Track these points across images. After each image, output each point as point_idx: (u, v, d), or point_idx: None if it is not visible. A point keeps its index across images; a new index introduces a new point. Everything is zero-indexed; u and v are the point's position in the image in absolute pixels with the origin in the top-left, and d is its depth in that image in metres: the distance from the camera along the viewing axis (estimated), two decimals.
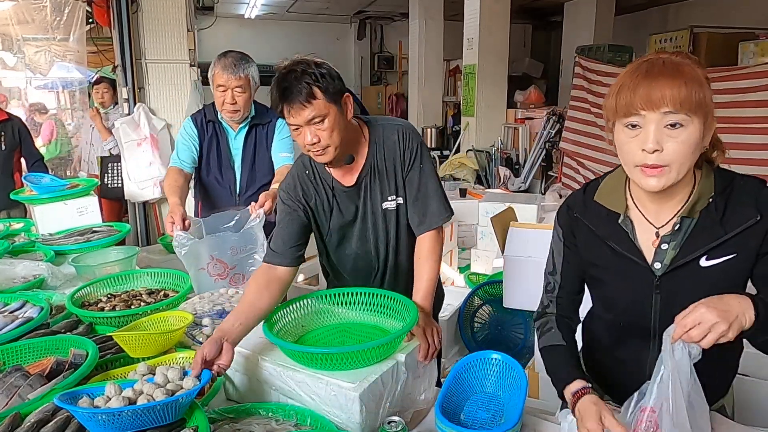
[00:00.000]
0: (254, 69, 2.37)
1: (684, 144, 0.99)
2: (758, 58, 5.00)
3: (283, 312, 1.49)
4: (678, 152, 1.00)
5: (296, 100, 1.42)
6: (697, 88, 0.98)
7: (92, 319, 1.73)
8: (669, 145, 0.99)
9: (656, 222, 1.13)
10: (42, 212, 2.96)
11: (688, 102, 0.97)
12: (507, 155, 6.95)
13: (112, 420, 1.04)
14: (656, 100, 0.98)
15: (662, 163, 1.00)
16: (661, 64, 1.01)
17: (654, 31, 6.74)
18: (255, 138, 2.46)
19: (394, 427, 1.18)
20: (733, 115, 3.49)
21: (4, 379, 1.30)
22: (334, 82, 1.46)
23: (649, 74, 1.00)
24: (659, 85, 0.98)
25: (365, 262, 1.73)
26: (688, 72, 0.99)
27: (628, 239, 1.13)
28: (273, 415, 1.25)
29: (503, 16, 6.80)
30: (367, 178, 1.63)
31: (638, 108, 1.00)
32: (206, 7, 9.34)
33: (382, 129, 1.63)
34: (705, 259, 1.08)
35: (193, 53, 4.77)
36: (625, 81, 1.03)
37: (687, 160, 1.01)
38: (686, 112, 0.98)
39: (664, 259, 1.11)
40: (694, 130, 0.99)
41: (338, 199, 1.65)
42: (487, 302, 2.99)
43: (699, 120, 0.99)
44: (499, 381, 1.37)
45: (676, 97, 0.97)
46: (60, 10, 4.80)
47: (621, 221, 1.14)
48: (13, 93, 6.58)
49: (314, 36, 11.56)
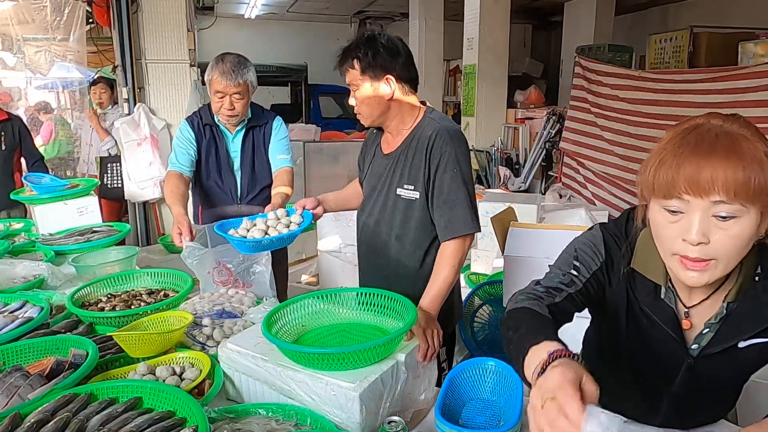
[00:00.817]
0: (252, 73, 2.35)
1: (736, 239, 0.82)
2: (758, 58, 4.99)
3: (282, 312, 1.49)
4: (727, 247, 0.83)
5: (343, 65, 1.69)
6: (758, 172, 0.79)
7: (92, 319, 1.73)
8: (717, 238, 0.83)
9: (687, 300, 1.00)
10: (42, 212, 2.96)
11: (745, 190, 0.79)
12: (507, 155, 6.94)
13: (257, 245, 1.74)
14: (705, 185, 0.80)
15: (707, 257, 0.84)
16: (713, 136, 0.83)
17: (654, 31, 6.73)
18: (253, 140, 2.45)
19: (394, 427, 1.18)
20: None
21: (4, 379, 1.30)
22: (374, 60, 1.64)
23: (698, 150, 0.82)
24: (711, 166, 0.80)
25: (370, 235, 1.83)
26: (747, 150, 0.81)
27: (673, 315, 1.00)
28: (273, 415, 1.25)
29: (503, 16, 6.79)
30: (396, 158, 1.74)
31: (681, 192, 0.82)
32: (206, 7, 9.35)
33: (430, 121, 1.74)
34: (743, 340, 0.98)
35: (193, 53, 4.78)
36: (667, 155, 0.84)
37: (737, 256, 0.85)
38: (741, 202, 0.80)
39: (701, 342, 1.00)
40: (749, 221, 0.82)
41: (375, 162, 1.84)
42: (487, 302, 2.99)
43: (757, 210, 0.82)
44: (495, 387, 1.37)
45: (731, 184, 0.79)
46: (60, 10, 4.80)
47: (664, 295, 1.00)
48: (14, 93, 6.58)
49: (314, 36, 11.56)
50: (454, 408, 1.32)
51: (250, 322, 1.65)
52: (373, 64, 1.65)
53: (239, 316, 1.72)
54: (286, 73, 10.72)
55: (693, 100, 3.78)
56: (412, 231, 1.72)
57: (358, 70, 1.66)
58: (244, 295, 1.90)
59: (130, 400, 1.20)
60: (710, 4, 7.92)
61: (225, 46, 10.75)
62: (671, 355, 1.02)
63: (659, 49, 6.27)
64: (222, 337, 1.57)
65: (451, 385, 1.34)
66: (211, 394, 1.32)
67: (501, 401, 1.34)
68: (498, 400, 1.35)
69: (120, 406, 1.18)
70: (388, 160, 1.77)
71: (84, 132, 5.07)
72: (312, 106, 10.69)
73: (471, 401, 1.36)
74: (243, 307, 1.79)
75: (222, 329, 1.62)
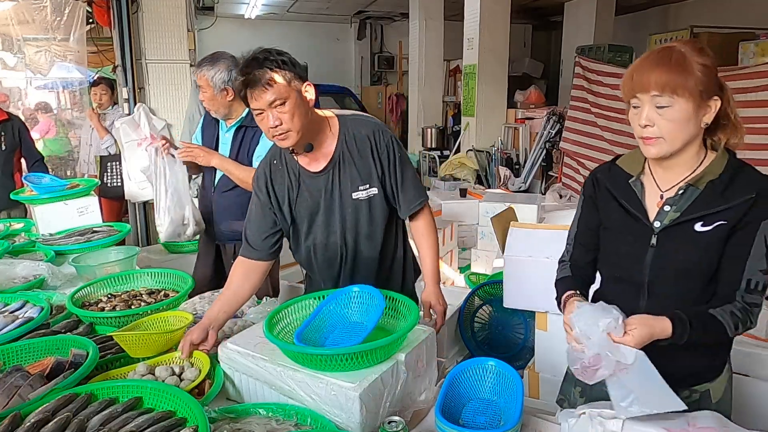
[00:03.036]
0: (216, 71, 2.39)
1: (671, 121, 1.15)
2: (758, 58, 4.99)
3: (283, 313, 1.49)
4: (666, 127, 1.16)
5: (258, 84, 1.51)
6: (681, 75, 1.13)
7: (92, 319, 1.73)
8: (659, 122, 1.16)
9: (663, 187, 1.26)
10: (42, 212, 2.96)
11: (670, 86, 1.13)
12: (507, 155, 6.94)
13: None
14: (646, 84, 1.16)
15: (654, 136, 1.17)
16: (655, 54, 1.18)
17: (654, 31, 6.74)
18: (242, 138, 2.50)
19: (394, 426, 1.18)
20: None
21: (4, 379, 1.30)
22: (294, 69, 1.56)
23: (645, 64, 1.18)
24: (649, 72, 1.16)
25: (332, 252, 1.77)
26: (676, 62, 1.14)
27: (637, 198, 1.28)
28: (273, 415, 1.25)
29: (503, 16, 6.79)
30: (335, 167, 1.69)
31: (636, 91, 1.18)
32: (206, 7, 9.35)
33: (352, 122, 1.72)
34: (701, 225, 1.20)
35: (193, 53, 4.78)
36: (630, 71, 1.21)
37: (678, 134, 1.17)
38: (669, 95, 1.14)
39: (664, 219, 1.24)
40: (680, 109, 1.15)
41: (304, 185, 1.72)
42: (488, 302, 2.99)
43: (687, 101, 1.14)
44: (495, 387, 1.37)
45: (659, 82, 1.14)
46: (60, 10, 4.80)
47: (632, 182, 1.29)
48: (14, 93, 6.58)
49: (314, 36, 11.55)
50: (454, 408, 1.31)
51: (250, 322, 1.65)
52: (294, 72, 1.55)
53: (239, 316, 1.72)
54: None
55: None
56: (380, 225, 1.75)
57: (282, 82, 1.52)
58: None
59: (130, 400, 1.20)
60: (710, 4, 7.92)
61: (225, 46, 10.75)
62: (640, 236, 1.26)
63: None
64: (222, 337, 1.57)
65: (451, 385, 1.34)
66: (211, 394, 1.33)
67: (501, 401, 1.34)
68: (498, 400, 1.35)
69: (120, 406, 1.18)
70: (325, 176, 1.70)
71: (84, 132, 5.07)
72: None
73: (471, 401, 1.36)
74: (243, 307, 1.79)
75: (222, 329, 1.62)
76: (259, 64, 1.51)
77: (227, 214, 2.52)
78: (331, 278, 1.80)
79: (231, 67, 2.40)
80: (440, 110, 9.16)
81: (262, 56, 1.53)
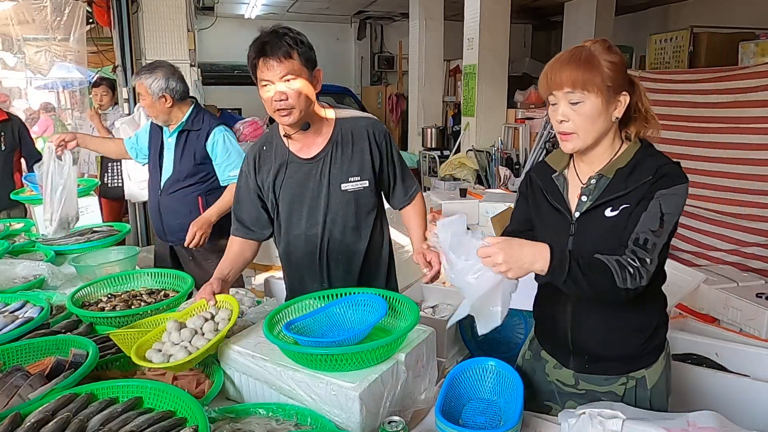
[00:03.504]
0: (153, 79, 2.46)
1: (583, 116, 1.23)
2: (758, 58, 4.99)
3: (283, 313, 1.49)
4: (579, 122, 1.24)
5: (274, 55, 1.52)
6: (589, 71, 1.20)
7: (92, 319, 1.73)
8: (573, 117, 1.24)
9: (583, 180, 1.34)
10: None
11: (581, 82, 1.20)
12: (507, 155, 6.93)
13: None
14: (559, 81, 1.23)
15: (569, 130, 1.25)
16: (567, 53, 1.26)
17: (654, 31, 6.73)
18: (185, 142, 2.57)
19: (394, 426, 1.18)
20: (733, 115, 3.48)
21: (4, 379, 1.30)
22: (310, 52, 1.59)
23: (554, 63, 1.26)
24: (561, 70, 1.23)
25: (312, 245, 1.77)
26: (585, 60, 1.21)
27: (559, 192, 1.37)
28: (273, 415, 1.25)
29: (503, 16, 6.78)
30: (327, 156, 1.70)
31: (551, 89, 1.26)
32: (206, 7, 9.35)
33: (349, 116, 1.75)
34: (609, 210, 1.27)
35: (193, 53, 4.78)
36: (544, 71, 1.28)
37: (590, 128, 1.24)
38: (581, 91, 1.21)
39: (582, 209, 1.32)
40: (591, 105, 1.22)
41: (291, 171, 1.72)
42: None
43: (597, 96, 1.21)
44: (495, 387, 1.37)
45: (571, 79, 1.21)
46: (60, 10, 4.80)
47: (555, 176, 1.38)
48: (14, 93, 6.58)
49: (314, 36, 11.35)
50: (454, 408, 1.31)
51: (250, 322, 1.65)
52: (309, 55, 1.58)
53: (240, 316, 1.72)
54: None
55: (693, 100, 3.77)
56: (365, 217, 1.77)
57: (297, 60, 1.54)
58: (245, 295, 1.91)
59: (130, 400, 1.20)
60: (710, 4, 7.92)
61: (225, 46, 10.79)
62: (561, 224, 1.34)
63: (659, 49, 6.27)
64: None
65: (451, 385, 1.34)
66: (211, 394, 1.33)
67: (501, 401, 1.34)
68: (498, 400, 1.35)
69: (120, 406, 1.18)
70: (315, 163, 1.70)
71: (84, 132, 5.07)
72: None
73: (471, 401, 1.36)
74: (243, 307, 1.79)
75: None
76: (278, 37, 1.54)
77: (174, 215, 2.60)
78: (312, 273, 1.80)
79: (168, 75, 2.48)
80: (440, 110, 9.16)
81: (282, 31, 1.55)
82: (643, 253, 1.18)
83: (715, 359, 2.09)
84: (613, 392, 1.36)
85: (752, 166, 3.29)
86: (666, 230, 1.21)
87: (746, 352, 2.05)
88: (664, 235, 1.20)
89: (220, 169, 2.59)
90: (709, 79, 3.69)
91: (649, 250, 1.18)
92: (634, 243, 1.19)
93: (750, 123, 3.37)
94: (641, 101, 1.29)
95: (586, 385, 1.39)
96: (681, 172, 1.24)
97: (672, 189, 1.21)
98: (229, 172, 2.58)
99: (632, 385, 1.35)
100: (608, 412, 1.18)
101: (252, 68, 1.57)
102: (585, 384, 1.39)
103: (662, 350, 1.39)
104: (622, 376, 1.35)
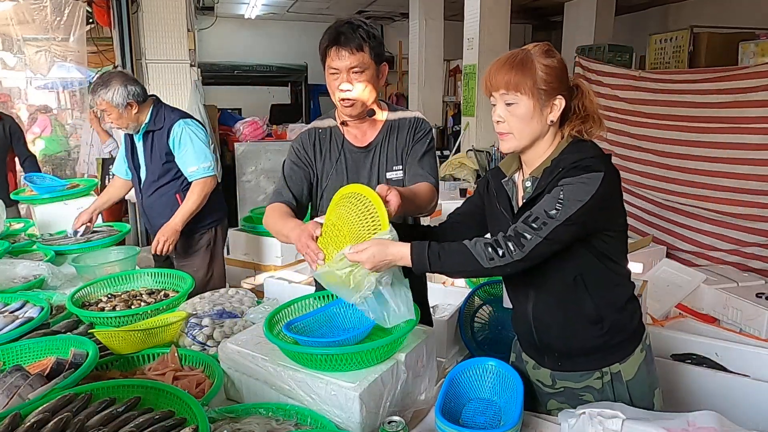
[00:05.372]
0: (112, 92, 2.43)
1: (517, 117, 1.27)
2: (758, 58, 4.99)
3: (283, 313, 1.49)
4: (513, 123, 1.28)
5: (347, 46, 1.57)
6: (522, 74, 1.24)
7: (92, 319, 1.73)
8: (508, 118, 1.28)
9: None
10: (42, 212, 2.96)
11: (513, 85, 1.24)
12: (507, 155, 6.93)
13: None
14: (496, 83, 1.27)
15: (505, 131, 1.30)
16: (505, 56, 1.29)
17: (654, 31, 6.73)
18: (151, 143, 2.59)
19: (394, 426, 1.18)
20: (733, 115, 3.48)
21: (4, 379, 1.30)
22: (380, 47, 1.64)
23: (492, 66, 1.30)
24: (498, 72, 1.27)
25: None
26: (520, 63, 1.25)
27: (507, 196, 1.40)
28: (273, 415, 1.25)
29: (503, 16, 6.79)
30: (378, 145, 1.73)
31: (490, 89, 1.30)
32: (206, 7, 9.34)
33: (401, 110, 1.79)
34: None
35: (193, 53, 4.78)
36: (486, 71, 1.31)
37: (524, 129, 1.28)
38: (514, 92, 1.25)
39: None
40: (525, 107, 1.26)
41: (345, 157, 1.74)
42: (487, 302, 2.98)
43: (529, 98, 1.25)
44: (495, 387, 1.37)
45: (506, 81, 1.25)
46: (60, 10, 4.80)
47: (504, 181, 1.41)
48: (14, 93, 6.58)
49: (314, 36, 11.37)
50: (454, 408, 1.31)
51: (250, 322, 1.65)
52: (379, 50, 1.63)
53: (239, 316, 1.72)
54: (286, 73, 10.69)
55: (693, 100, 3.77)
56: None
57: (367, 54, 1.59)
58: (245, 295, 1.91)
59: (130, 400, 1.20)
60: (710, 4, 7.92)
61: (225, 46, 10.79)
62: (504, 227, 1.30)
63: (659, 49, 6.27)
64: (222, 337, 1.57)
65: (451, 385, 1.34)
66: (211, 394, 1.32)
67: (501, 401, 1.34)
68: (498, 400, 1.35)
69: (120, 406, 1.18)
70: (368, 151, 1.74)
71: (84, 132, 5.07)
72: (312, 106, 10.68)
73: (471, 401, 1.36)
74: (243, 307, 1.79)
75: (222, 329, 1.62)
76: (353, 29, 1.57)
77: (158, 216, 2.64)
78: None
79: (125, 82, 2.46)
80: (440, 110, 9.16)
81: (357, 23, 1.59)
82: (523, 228, 1.20)
83: (715, 359, 2.09)
84: (590, 386, 1.35)
85: (752, 166, 3.29)
86: (564, 213, 1.19)
87: (746, 352, 2.05)
88: (560, 217, 1.19)
89: (181, 165, 2.58)
90: (709, 79, 3.69)
91: (533, 228, 1.20)
92: (523, 221, 1.22)
93: (750, 123, 3.37)
94: (583, 104, 1.31)
95: (562, 383, 1.39)
96: (598, 164, 1.23)
97: (579, 178, 1.21)
98: (188, 167, 2.56)
99: (608, 379, 1.35)
100: (608, 411, 1.18)
101: (322, 55, 1.62)
102: (561, 382, 1.39)
103: (637, 343, 1.38)
104: (596, 371, 1.35)
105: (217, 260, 2.82)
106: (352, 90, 1.60)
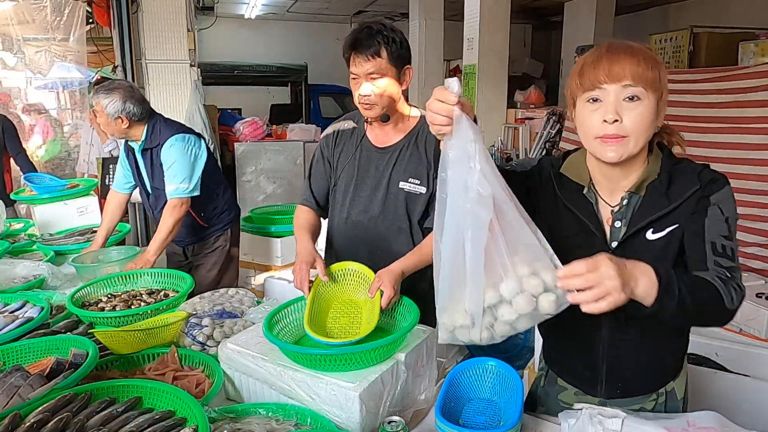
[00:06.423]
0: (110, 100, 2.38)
1: (641, 117, 1.05)
2: (758, 58, 4.99)
3: (283, 312, 1.49)
4: (635, 123, 1.05)
5: (363, 53, 1.59)
6: (653, 67, 1.05)
7: (92, 319, 1.73)
8: (627, 116, 1.05)
9: (611, 201, 1.18)
10: (42, 212, 2.96)
11: (644, 77, 1.04)
12: (507, 155, 6.93)
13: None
14: (617, 72, 1.04)
15: (621, 133, 1.05)
16: (620, 44, 1.08)
17: (654, 31, 6.74)
18: (151, 159, 2.55)
19: (394, 426, 1.18)
20: (733, 115, 3.48)
21: (4, 379, 1.30)
22: (400, 50, 1.62)
23: (610, 52, 1.07)
24: (620, 59, 1.05)
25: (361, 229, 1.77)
26: (644, 52, 1.06)
27: (592, 210, 1.18)
28: (273, 415, 1.25)
29: (503, 16, 6.78)
30: (397, 151, 1.72)
31: (601, 81, 1.05)
32: (206, 7, 9.35)
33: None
34: (651, 232, 1.12)
35: (193, 53, 4.78)
36: (587, 60, 1.09)
37: (644, 133, 1.07)
38: (643, 86, 1.04)
39: (619, 237, 1.15)
40: (649, 104, 1.05)
41: (360, 154, 1.76)
42: None
43: (653, 97, 1.06)
44: (495, 387, 1.37)
45: (634, 71, 1.03)
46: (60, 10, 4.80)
47: (586, 192, 1.19)
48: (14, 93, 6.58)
49: (314, 36, 11.55)
50: (454, 408, 1.31)
51: (250, 322, 1.65)
52: (400, 53, 1.62)
53: (239, 316, 1.72)
54: (286, 73, 10.70)
55: (693, 100, 3.77)
56: (413, 223, 1.74)
57: (385, 58, 1.59)
58: (245, 295, 1.91)
59: (130, 400, 1.20)
60: (710, 4, 7.92)
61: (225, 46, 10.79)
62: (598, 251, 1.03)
63: (659, 49, 6.26)
64: (222, 337, 1.57)
65: (451, 385, 1.34)
66: (211, 394, 1.32)
67: (501, 401, 1.34)
68: (498, 400, 1.35)
69: (120, 406, 1.18)
70: (385, 153, 1.74)
71: (84, 131, 5.06)
72: (312, 106, 10.68)
73: (471, 401, 1.36)
74: (243, 307, 1.79)
75: (222, 329, 1.62)
76: (370, 34, 1.58)
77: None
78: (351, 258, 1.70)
79: (126, 97, 2.39)
80: None
81: (376, 28, 1.60)
82: (728, 262, 1.04)
83: (715, 359, 2.09)
84: (643, 408, 1.27)
85: (752, 166, 3.29)
86: (734, 234, 1.07)
87: (746, 352, 2.05)
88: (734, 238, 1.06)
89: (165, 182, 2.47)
90: (709, 79, 3.70)
91: (731, 257, 1.04)
92: (714, 253, 1.04)
93: (750, 123, 3.37)
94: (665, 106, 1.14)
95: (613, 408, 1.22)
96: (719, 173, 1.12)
97: (724, 191, 1.09)
98: (167, 185, 2.44)
99: (662, 400, 1.27)
100: (608, 411, 1.18)
101: (345, 59, 1.64)
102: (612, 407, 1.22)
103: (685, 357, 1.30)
104: (653, 393, 1.27)
105: (233, 262, 2.84)
106: (371, 94, 1.62)
